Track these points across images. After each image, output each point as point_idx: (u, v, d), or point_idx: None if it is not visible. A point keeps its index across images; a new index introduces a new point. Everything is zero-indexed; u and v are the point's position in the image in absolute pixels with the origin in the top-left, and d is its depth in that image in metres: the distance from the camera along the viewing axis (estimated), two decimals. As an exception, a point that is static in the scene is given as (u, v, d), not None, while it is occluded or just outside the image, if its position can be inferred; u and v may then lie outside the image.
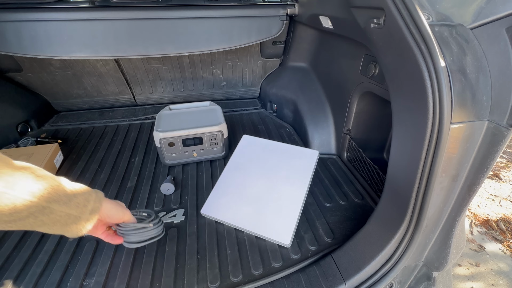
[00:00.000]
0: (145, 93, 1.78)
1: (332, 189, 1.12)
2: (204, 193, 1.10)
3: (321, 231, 0.93)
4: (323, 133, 1.36)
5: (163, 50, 1.32)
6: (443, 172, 0.63)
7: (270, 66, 1.83)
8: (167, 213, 1.00)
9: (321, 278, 0.75)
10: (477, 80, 0.58)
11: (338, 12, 0.99)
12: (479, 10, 0.63)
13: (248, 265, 0.82)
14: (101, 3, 1.24)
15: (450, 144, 0.60)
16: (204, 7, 1.31)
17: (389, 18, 0.64)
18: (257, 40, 1.43)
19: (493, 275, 1.61)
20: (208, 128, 1.19)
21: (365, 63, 1.02)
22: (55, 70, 1.52)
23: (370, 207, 1.03)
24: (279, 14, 1.41)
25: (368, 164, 1.10)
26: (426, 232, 0.74)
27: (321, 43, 1.43)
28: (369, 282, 0.75)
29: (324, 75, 1.43)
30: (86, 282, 0.77)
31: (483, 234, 1.88)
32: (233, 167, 1.13)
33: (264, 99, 1.85)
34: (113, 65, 1.56)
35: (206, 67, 1.73)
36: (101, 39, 1.24)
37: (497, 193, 2.23)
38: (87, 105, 1.75)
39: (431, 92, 0.57)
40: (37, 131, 1.54)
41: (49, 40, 1.19)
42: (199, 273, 0.79)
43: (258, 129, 1.58)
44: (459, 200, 0.70)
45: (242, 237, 0.91)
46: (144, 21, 1.25)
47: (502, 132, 0.58)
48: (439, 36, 0.58)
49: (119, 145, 1.40)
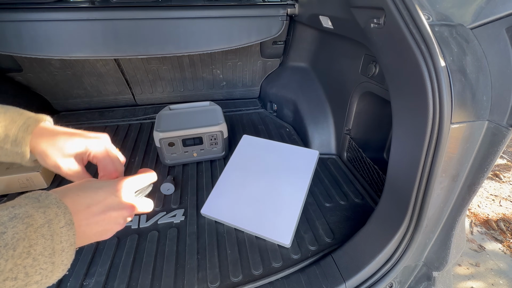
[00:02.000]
0: (145, 93, 1.78)
1: (332, 189, 1.12)
2: (204, 193, 1.10)
3: (321, 231, 0.93)
4: (323, 133, 1.36)
5: (163, 50, 1.32)
6: (443, 172, 0.63)
7: (270, 66, 1.83)
8: (167, 213, 1.00)
9: (321, 278, 0.75)
10: (477, 80, 0.58)
11: (338, 12, 0.99)
12: (479, 10, 0.63)
13: (248, 265, 0.82)
14: (101, 3, 1.24)
15: (450, 144, 0.60)
16: (204, 7, 1.31)
17: (389, 18, 0.64)
18: (257, 40, 1.43)
19: (493, 275, 1.61)
20: (208, 128, 1.19)
21: (365, 63, 1.02)
22: (55, 70, 1.52)
23: (370, 207, 1.03)
24: (279, 14, 1.41)
25: (368, 164, 1.10)
26: (426, 232, 0.74)
27: (321, 43, 1.43)
28: (369, 282, 0.75)
29: (324, 75, 1.43)
30: (86, 282, 0.77)
31: (483, 234, 1.88)
32: (233, 167, 1.13)
33: (264, 99, 1.85)
34: (113, 65, 1.56)
35: (206, 67, 1.73)
36: (101, 39, 1.24)
37: (497, 193, 2.23)
38: (87, 105, 1.75)
39: (431, 92, 0.57)
40: (37, 131, 1.53)
41: (49, 40, 1.19)
42: (199, 273, 0.79)
43: (258, 129, 1.58)
44: (459, 200, 0.70)
45: (242, 237, 0.91)
46: (144, 21, 1.25)
47: (502, 132, 0.58)
48: (439, 36, 0.58)
49: (119, 145, 1.40)
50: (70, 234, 0.33)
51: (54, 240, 0.31)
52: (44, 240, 0.30)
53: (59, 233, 0.32)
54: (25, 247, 0.28)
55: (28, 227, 0.29)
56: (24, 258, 0.28)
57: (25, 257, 0.28)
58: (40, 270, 0.30)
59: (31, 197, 0.33)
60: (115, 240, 0.88)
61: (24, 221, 0.29)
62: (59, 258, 0.31)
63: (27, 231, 0.29)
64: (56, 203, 0.33)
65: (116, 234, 0.91)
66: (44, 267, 0.30)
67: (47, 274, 0.30)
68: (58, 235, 0.31)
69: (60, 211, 0.33)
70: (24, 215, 0.29)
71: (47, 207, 0.32)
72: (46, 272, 0.30)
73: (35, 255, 0.29)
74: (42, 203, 0.32)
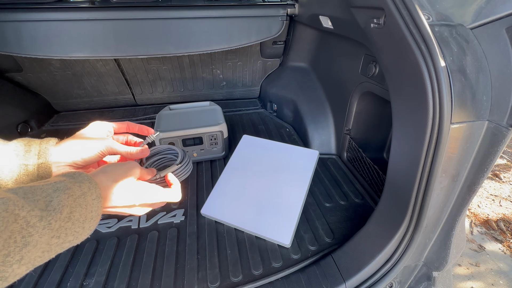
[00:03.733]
0: (145, 93, 1.78)
1: (332, 189, 1.12)
2: (204, 193, 1.10)
3: (321, 231, 0.93)
4: (323, 133, 1.36)
5: (163, 50, 1.32)
6: (443, 172, 0.63)
7: (270, 66, 1.83)
8: (167, 213, 1.00)
9: (321, 278, 0.75)
10: (477, 80, 0.58)
11: (338, 12, 0.99)
12: (479, 10, 0.63)
13: (248, 265, 0.82)
14: (101, 3, 1.24)
15: (450, 144, 0.60)
16: (204, 7, 1.31)
17: (389, 18, 0.64)
18: (257, 40, 1.43)
19: (493, 275, 1.61)
20: (208, 128, 1.19)
21: (365, 63, 1.02)
22: (55, 70, 1.52)
23: (370, 207, 1.03)
24: (279, 14, 1.41)
25: (368, 164, 1.10)
26: (426, 232, 0.74)
27: (321, 43, 1.43)
28: (369, 282, 0.75)
29: (324, 75, 1.43)
30: (86, 282, 0.77)
31: (483, 234, 1.88)
32: (233, 167, 1.13)
33: (264, 99, 1.85)
34: (113, 65, 1.56)
35: (206, 67, 1.73)
36: (101, 39, 1.24)
37: (497, 193, 2.23)
38: (87, 105, 1.75)
39: (431, 92, 0.57)
40: (37, 131, 1.54)
41: (49, 40, 1.19)
42: (199, 273, 0.79)
43: (258, 129, 1.58)
44: (459, 200, 0.70)
45: (242, 237, 0.91)
46: (144, 21, 1.25)
47: (502, 132, 0.58)
48: (439, 36, 0.58)
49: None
50: (99, 205, 0.39)
51: (87, 209, 0.38)
52: (80, 209, 0.37)
53: (91, 204, 0.38)
54: (67, 212, 0.35)
55: (69, 197, 0.36)
56: (67, 221, 0.35)
57: (67, 221, 0.35)
58: (74, 232, 0.36)
59: (67, 175, 0.39)
60: (115, 240, 0.88)
61: (65, 192, 0.35)
62: (88, 224, 0.38)
63: (68, 200, 0.35)
64: (88, 179, 0.40)
65: (116, 234, 0.91)
66: (77, 230, 0.36)
67: (77, 236, 0.37)
68: (90, 205, 0.38)
69: (91, 186, 0.39)
70: (64, 188, 0.36)
71: (82, 182, 0.39)
72: (77, 234, 0.37)
73: (73, 220, 0.36)
74: (77, 179, 0.39)
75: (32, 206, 0.31)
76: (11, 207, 0.29)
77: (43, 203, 0.33)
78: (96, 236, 0.90)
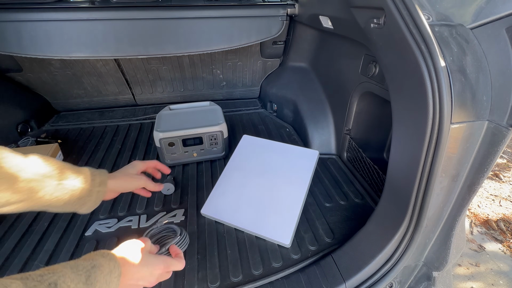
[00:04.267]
0: (145, 93, 1.78)
1: (332, 189, 1.12)
2: (204, 193, 1.10)
3: (321, 231, 0.93)
4: (323, 133, 1.36)
5: (163, 50, 1.32)
6: (443, 172, 0.63)
7: (270, 66, 1.83)
8: (167, 213, 1.00)
9: (321, 278, 0.75)
10: (477, 80, 0.58)
11: (338, 12, 0.99)
12: (479, 10, 0.63)
13: (248, 265, 0.82)
14: (101, 3, 1.24)
15: (450, 144, 0.60)
16: (204, 7, 1.31)
17: (389, 18, 0.64)
18: (257, 40, 1.43)
19: (493, 275, 1.61)
20: (208, 128, 1.19)
21: (365, 63, 1.02)
22: (55, 70, 1.52)
23: (370, 207, 1.03)
24: (279, 14, 1.41)
25: (368, 164, 1.10)
26: (426, 232, 0.74)
27: (321, 43, 1.43)
28: (369, 282, 0.75)
29: (324, 75, 1.43)
30: (86, 282, 0.76)
31: (483, 234, 1.88)
32: (233, 167, 1.13)
33: (264, 99, 1.85)
34: (113, 65, 1.56)
35: (206, 67, 1.73)
36: (101, 39, 1.24)
37: (497, 193, 2.23)
38: (87, 105, 1.75)
39: (431, 92, 0.57)
40: (37, 131, 1.54)
41: (49, 40, 1.19)
42: (199, 273, 0.79)
43: (258, 129, 1.58)
44: (459, 200, 0.70)
45: (242, 237, 0.91)
46: (144, 21, 1.25)
47: (502, 132, 0.58)
48: (439, 36, 0.58)
49: (119, 145, 1.40)
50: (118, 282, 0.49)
51: (110, 285, 0.47)
52: (106, 284, 0.46)
53: (113, 281, 0.47)
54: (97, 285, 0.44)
55: (101, 273, 0.45)
56: None
57: None
58: None
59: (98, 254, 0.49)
60: (115, 240, 0.88)
61: (100, 269, 0.45)
62: None
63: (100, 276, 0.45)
64: (113, 259, 0.49)
65: (116, 234, 0.91)
66: None
67: None
68: (112, 282, 0.47)
69: (116, 265, 0.49)
70: (99, 265, 0.46)
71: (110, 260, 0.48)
72: None
73: None
74: (106, 258, 0.48)
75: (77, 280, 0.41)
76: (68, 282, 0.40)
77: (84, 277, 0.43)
78: (96, 236, 0.91)
